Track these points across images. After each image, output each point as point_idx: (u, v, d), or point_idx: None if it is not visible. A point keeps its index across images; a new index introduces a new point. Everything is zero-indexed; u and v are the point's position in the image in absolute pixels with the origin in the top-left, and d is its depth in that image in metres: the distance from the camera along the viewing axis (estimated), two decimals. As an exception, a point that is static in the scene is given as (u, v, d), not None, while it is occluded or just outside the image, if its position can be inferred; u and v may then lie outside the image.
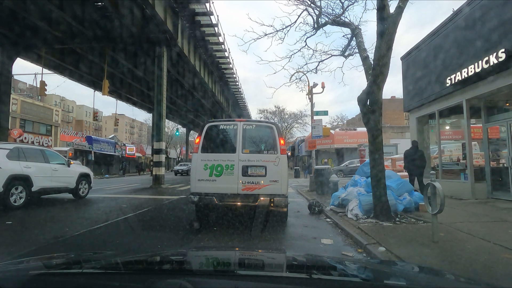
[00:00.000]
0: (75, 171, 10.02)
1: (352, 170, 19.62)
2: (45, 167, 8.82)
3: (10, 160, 7.85)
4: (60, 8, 14.09)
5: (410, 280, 1.41)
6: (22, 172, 8.01)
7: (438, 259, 3.59)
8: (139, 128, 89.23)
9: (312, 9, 8.21)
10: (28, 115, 32.20)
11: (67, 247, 4.46)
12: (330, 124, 50.11)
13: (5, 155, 7.83)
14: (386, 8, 5.70)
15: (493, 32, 7.48)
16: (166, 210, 8.23)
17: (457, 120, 10.86)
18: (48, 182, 8.83)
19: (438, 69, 9.88)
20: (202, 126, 5.92)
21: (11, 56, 17.20)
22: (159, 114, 16.97)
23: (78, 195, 10.06)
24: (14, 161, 7.94)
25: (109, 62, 19.29)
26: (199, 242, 4.70)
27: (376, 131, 6.06)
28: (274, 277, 1.31)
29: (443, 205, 4.03)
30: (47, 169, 8.87)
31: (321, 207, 7.45)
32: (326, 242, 4.75)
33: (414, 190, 7.27)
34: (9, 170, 7.67)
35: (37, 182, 8.39)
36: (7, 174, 7.60)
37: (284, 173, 5.57)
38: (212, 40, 21.55)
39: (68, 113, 64.99)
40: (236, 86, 34.81)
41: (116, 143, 43.25)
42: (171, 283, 1.10)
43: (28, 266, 1.52)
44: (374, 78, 5.95)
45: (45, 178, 8.72)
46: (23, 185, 7.98)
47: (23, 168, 8.08)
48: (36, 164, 8.54)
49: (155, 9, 14.25)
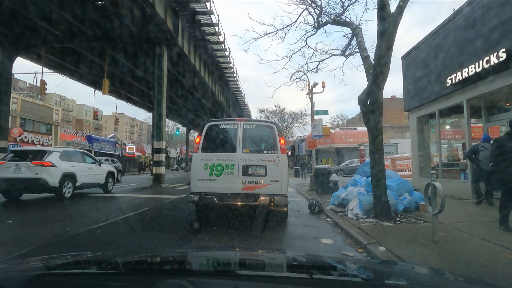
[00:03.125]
0: (104, 170, 11.66)
1: (352, 170, 19.63)
2: (84, 166, 10.57)
3: (61, 161, 9.51)
4: (60, 7, 14.07)
5: (410, 280, 1.41)
6: (70, 170, 9.73)
7: (438, 259, 3.59)
8: (139, 127, 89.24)
9: (312, 9, 8.22)
10: (28, 114, 32.18)
11: (67, 247, 4.47)
12: (330, 123, 50.17)
13: (58, 156, 9.51)
14: (386, 7, 5.70)
15: (493, 31, 7.47)
16: (166, 209, 8.24)
17: (457, 119, 10.86)
18: (87, 178, 10.57)
19: (438, 69, 9.86)
20: (202, 125, 5.92)
21: (11, 56, 17.19)
22: (159, 114, 16.96)
23: (106, 189, 11.67)
24: (64, 162, 9.62)
25: (109, 61, 19.28)
26: (199, 242, 4.70)
27: (376, 130, 6.06)
28: (275, 277, 1.31)
29: (444, 205, 4.03)
30: (86, 168, 10.61)
31: (321, 206, 7.45)
32: (326, 241, 4.75)
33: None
34: (62, 169, 9.36)
35: (80, 179, 10.09)
36: (61, 172, 9.30)
37: (284, 172, 5.56)
38: (212, 40, 21.52)
39: (68, 112, 65.01)
40: (236, 86, 34.80)
41: (116, 142, 43.30)
42: (171, 283, 1.10)
43: (28, 266, 1.52)
44: (374, 78, 5.95)
45: (85, 175, 10.41)
46: (71, 180, 9.71)
47: (71, 167, 9.81)
48: (78, 164, 10.26)
49: (155, 8, 14.24)
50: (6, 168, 8.89)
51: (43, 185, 8.81)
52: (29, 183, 8.79)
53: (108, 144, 40.34)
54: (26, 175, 8.79)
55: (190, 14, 17.91)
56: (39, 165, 8.87)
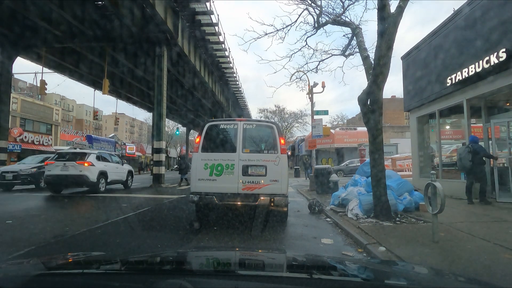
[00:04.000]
0: (125, 169, 13.85)
1: (352, 170, 19.63)
2: (112, 165, 12.68)
3: (97, 161, 11.65)
4: (60, 7, 14.07)
5: (410, 280, 1.40)
6: (104, 169, 11.79)
7: (438, 259, 3.59)
8: (139, 127, 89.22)
9: (312, 9, 8.21)
10: (28, 114, 32.18)
11: (67, 247, 4.47)
12: (330, 123, 50.14)
13: (95, 157, 11.69)
14: (386, 7, 5.70)
15: (493, 31, 7.47)
16: (166, 209, 8.24)
17: (457, 119, 10.85)
18: (115, 176, 12.68)
19: (438, 69, 9.86)
20: (202, 125, 5.92)
21: (11, 56, 17.19)
22: (159, 114, 16.97)
23: (127, 186, 13.79)
24: (99, 161, 11.76)
25: (109, 61, 19.28)
26: (199, 242, 4.70)
27: (376, 130, 6.06)
28: (275, 277, 1.31)
29: (444, 205, 4.02)
30: (114, 167, 12.73)
31: (321, 206, 7.45)
32: (326, 241, 4.75)
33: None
34: (98, 168, 11.51)
35: (110, 176, 12.18)
36: (98, 170, 11.40)
37: (284, 172, 5.56)
38: (213, 40, 21.52)
39: (68, 112, 64.97)
40: (236, 86, 34.78)
41: (116, 142, 43.33)
42: (171, 283, 1.10)
43: (28, 266, 1.52)
44: (374, 78, 5.94)
45: (113, 173, 12.51)
46: (104, 177, 11.78)
47: (104, 166, 11.89)
48: (108, 164, 12.39)
49: (155, 8, 14.23)
50: (56, 166, 11.05)
51: (86, 180, 11.01)
52: (74, 179, 10.99)
53: (108, 144, 40.36)
54: (72, 172, 10.92)
55: (190, 14, 17.90)
56: (82, 165, 11.03)
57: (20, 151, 28.07)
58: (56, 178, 11.00)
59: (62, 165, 10.98)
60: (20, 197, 10.63)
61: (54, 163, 11.18)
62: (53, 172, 10.99)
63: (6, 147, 17.54)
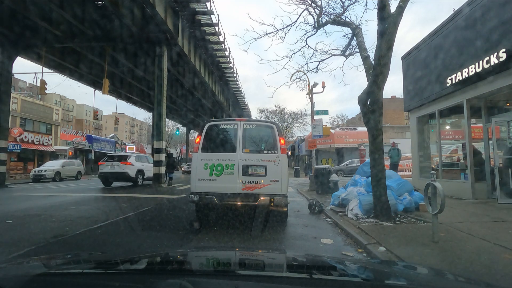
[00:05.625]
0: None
1: (352, 170, 19.62)
2: (147, 165, 16.30)
3: (136, 161, 15.52)
4: (60, 7, 14.07)
5: (410, 280, 1.40)
6: (141, 168, 15.65)
7: (438, 259, 3.59)
8: (139, 127, 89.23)
9: (312, 9, 8.21)
10: (28, 114, 32.15)
11: (67, 247, 4.47)
12: (330, 123, 50.19)
13: (134, 159, 15.56)
14: (386, 7, 5.70)
15: (493, 32, 7.46)
16: (166, 209, 8.24)
17: (457, 120, 10.84)
18: (149, 173, 16.10)
19: (438, 69, 9.86)
20: (203, 125, 5.92)
21: (11, 56, 17.18)
22: (159, 114, 16.98)
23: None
24: (137, 162, 15.64)
25: (109, 61, 19.28)
26: (199, 242, 4.70)
27: (377, 131, 6.06)
28: (274, 277, 1.31)
29: (444, 205, 4.02)
30: (148, 166, 16.31)
31: (321, 206, 7.45)
32: (326, 242, 4.75)
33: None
34: (136, 166, 15.33)
35: (145, 173, 15.89)
36: (136, 168, 15.24)
37: (285, 172, 5.56)
38: (213, 40, 21.52)
39: (68, 112, 64.97)
40: (236, 86, 34.78)
41: (116, 142, 43.32)
42: (171, 283, 1.10)
43: (28, 266, 1.52)
44: (374, 78, 5.94)
45: (147, 171, 16.07)
46: (141, 174, 15.63)
47: (141, 165, 15.77)
48: (143, 163, 16.14)
49: (155, 8, 14.23)
50: (106, 166, 14.84)
51: (127, 176, 14.74)
52: (119, 175, 14.69)
53: (108, 144, 40.36)
54: (118, 170, 14.59)
55: (190, 14, 17.90)
56: (125, 164, 14.74)
57: (20, 151, 28.05)
58: (107, 174, 14.74)
59: (110, 165, 14.65)
60: (20, 197, 10.60)
61: (105, 163, 14.90)
62: (104, 170, 14.78)
63: (6, 147, 17.53)
